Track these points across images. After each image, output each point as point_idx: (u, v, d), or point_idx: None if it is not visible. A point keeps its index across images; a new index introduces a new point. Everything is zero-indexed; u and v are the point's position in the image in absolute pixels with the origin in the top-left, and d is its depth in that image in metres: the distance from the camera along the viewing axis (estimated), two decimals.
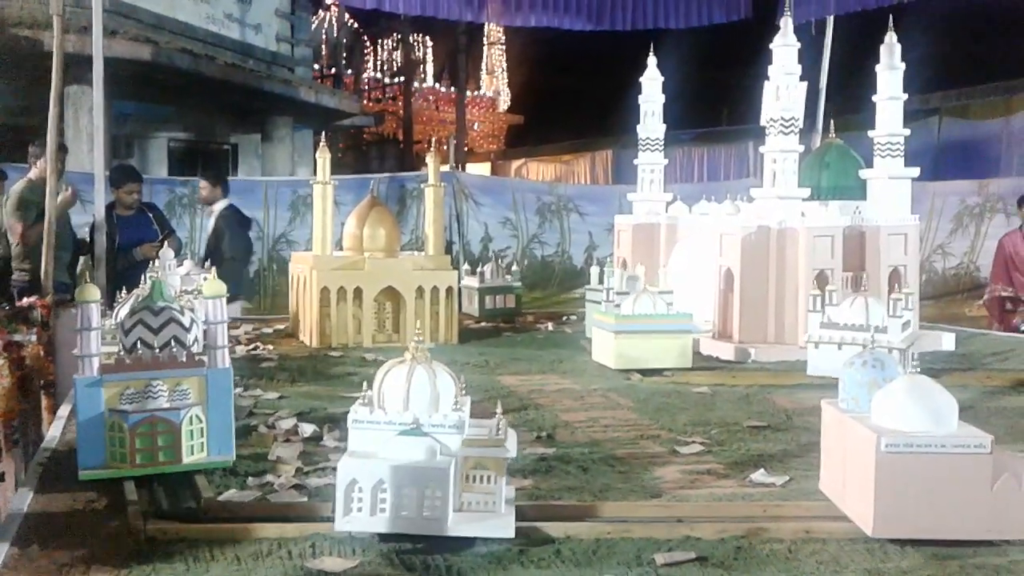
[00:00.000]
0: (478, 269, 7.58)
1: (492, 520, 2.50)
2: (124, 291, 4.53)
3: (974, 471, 2.47)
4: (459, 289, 6.75)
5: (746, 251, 5.92)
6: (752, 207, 6.35)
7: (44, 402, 5.41)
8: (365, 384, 2.63)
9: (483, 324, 7.48)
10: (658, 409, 4.30)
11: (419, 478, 2.44)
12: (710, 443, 3.67)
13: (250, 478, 2.99)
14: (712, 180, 16.63)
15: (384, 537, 2.49)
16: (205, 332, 3.00)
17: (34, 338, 5.18)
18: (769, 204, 6.08)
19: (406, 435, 2.49)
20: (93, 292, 2.92)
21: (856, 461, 2.62)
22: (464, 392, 2.63)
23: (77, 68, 9.38)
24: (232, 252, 8.02)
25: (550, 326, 7.38)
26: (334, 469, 3.13)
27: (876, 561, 2.41)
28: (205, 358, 2.98)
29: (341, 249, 6.66)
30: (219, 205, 8.32)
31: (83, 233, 7.55)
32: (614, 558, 2.41)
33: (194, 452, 2.93)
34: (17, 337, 5.19)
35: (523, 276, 11.36)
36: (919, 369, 2.69)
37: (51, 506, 2.75)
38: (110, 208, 7.31)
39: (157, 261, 5.60)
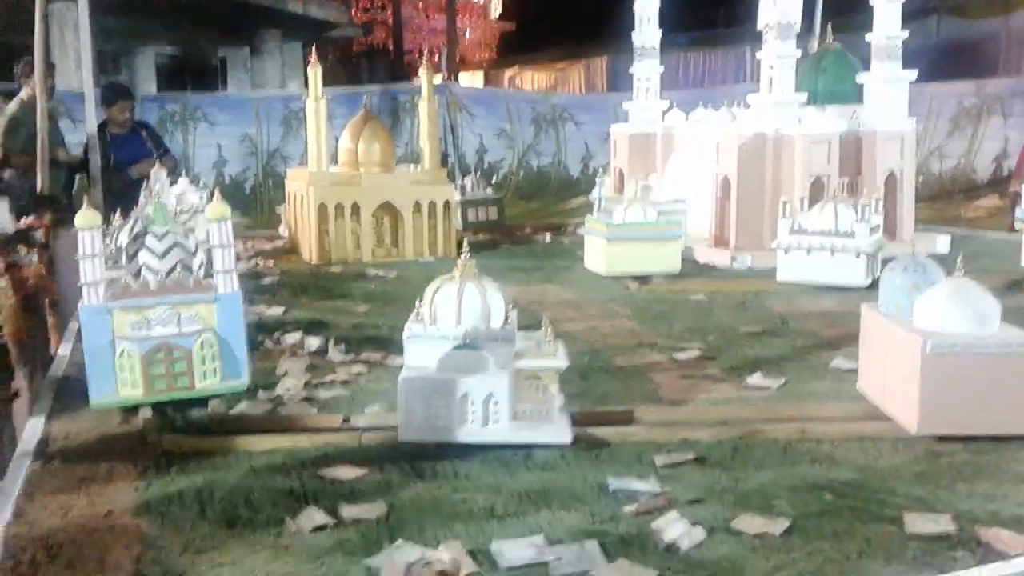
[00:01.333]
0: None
1: (548, 427, 2.59)
2: (119, 213, 4.50)
3: (1017, 370, 2.56)
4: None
5: (743, 159, 5.91)
6: (749, 114, 6.31)
7: (50, 320, 5.46)
8: (417, 300, 2.67)
9: (480, 236, 7.49)
10: (656, 317, 4.36)
11: (477, 389, 2.52)
12: (707, 349, 3.73)
13: (260, 391, 3.06)
14: (709, 85, 16.39)
15: (398, 445, 2.58)
16: (210, 255, 2.94)
17: (35, 258, 5.19)
18: (766, 111, 6.04)
19: (461, 349, 2.55)
20: (94, 217, 2.83)
21: (900, 364, 2.69)
22: (513, 307, 2.66)
23: None
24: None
25: (548, 237, 7.40)
26: (342, 382, 3.24)
27: (868, 459, 2.50)
28: (213, 282, 2.92)
29: (336, 164, 6.63)
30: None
31: (77, 152, 7.49)
32: (616, 460, 2.49)
33: (207, 377, 2.90)
34: (18, 258, 5.21)
35: (519, 187, 11.37)
36: (963, 272, 2.73)
37: (67, 424, 2.82)
38: (102, 127, 7.23)
39: (150, 181, 5.54)
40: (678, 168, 6.87)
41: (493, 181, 8.09)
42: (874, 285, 4.92)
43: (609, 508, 2.18)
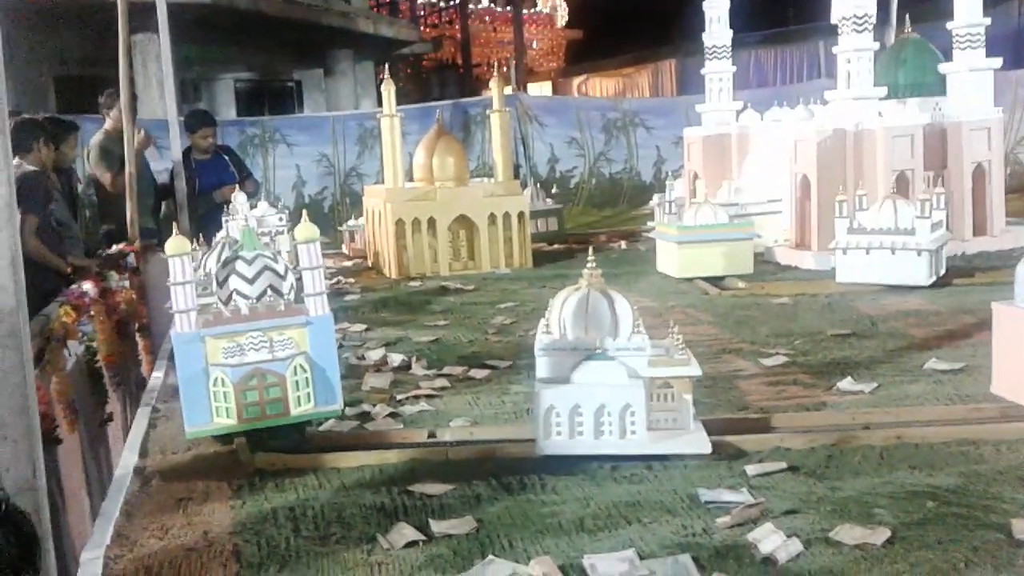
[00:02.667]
0: None
1: (685, 437, 2.57)
2: (201, 239, 4.58)
3: None
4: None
5: (822, 156, 5.77)
6: (826, 110, 6.18)
7: (141, 343, 5.64)
8: (547, 312, 2.68)
9: (556, 246, 7.49)
10: (739, 322, 4.28)
11: (614, 400, 2.51)
12: (794, 354, 3.66)
13: (347, 408, 3.10)
14: (782, 84, 16.09)
15: (483, 459, 2.58)
16: (299, 279, 2.89)
17: (127, 283, 5.36)
18: (844, 106, 5.89)
19: (594, 360, 2.54)
20: (183, 244, 2.83)
21: None
22: (638, 315, 2.64)
23: (140, 16, 9.50)
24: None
25: (623, 244, 7.35)
26: (426, 396, 3.26)
27: (971, 463, 2.40)
28: (305, 305, 2.86)
29: (412, 180, 6.71)
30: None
31: (163, 179, 7.72)
32: (705, 471, 2.44)
33: (301, 403, 2.82)
34: (111, 283, 5.40)
35: (591, 195, 11.32)
36: None
37: (163, 445, 2.90)
38: (187, 153, 7.45)
39: (231, 205, 5.65)
40: (755, 169, 6.75)
41: (553, 191, 8.07)
42: (939, 284, 4.78)
43: (701, 520, 2.14)
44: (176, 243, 2.78)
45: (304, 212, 3.00)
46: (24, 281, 2.14)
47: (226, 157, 7.72)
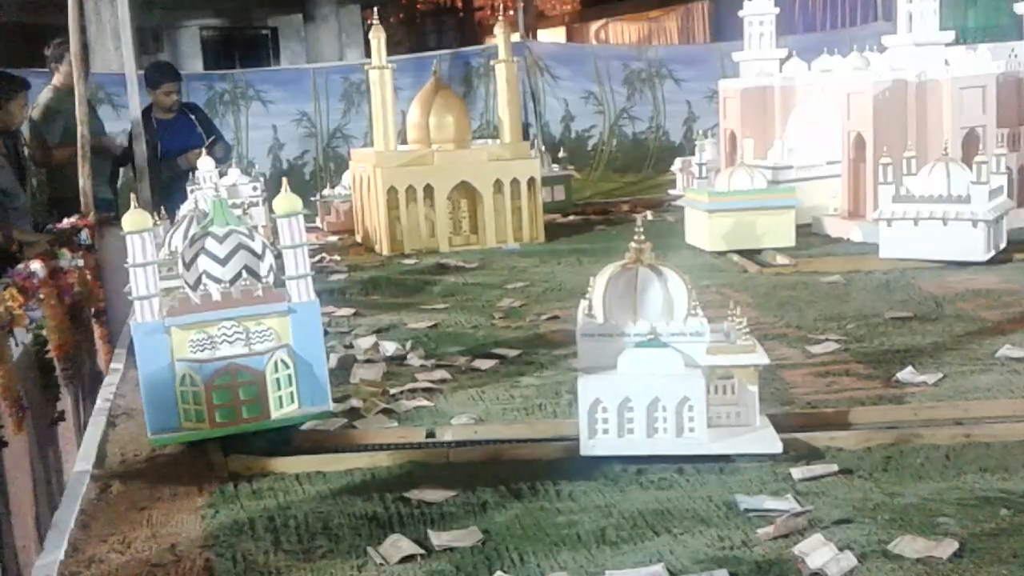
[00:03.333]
0: None
1: (751, 434, 2.56)
2: (163, 212, 4.58)
3: None
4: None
5: (879, 111, 5.74)
6: (884, 58, 6.13)
7: (97, 331, 5.67)
8: (588, 292, 2.67)
9: (572, 218, 7.49)
10: (782, 304, 4.28)
11: (670, 393, 2.50)
12: (847, 340, 3.66)
13: (334, 404, 3.10)
14: (833, 28, 15.98)
15: (489, 461, 2.58)
16: (280, 258, 2.83)
17: (80, 263, 5.37)
18: (905, 53, 5.86)
19: (644, 347, 2.52)
20: (143, 219, 2.75)
21: None
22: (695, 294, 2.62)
23: None
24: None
25: (648, 215, 7.34)
26: (424, 390, 3.27)
27: None
28: (286, 290, 2.81)
29: (405, 142, 6.70)
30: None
31: (120, 142, 7.72)
32: (744, 474, 2.45)
33: (283, 404, 2.76)
34: (62, 262, 5.41)
35: (612, 158, 11.29)
36: None
37: (123, 447, 2.91)
38: (147, 112, 7.45)
39: (197, 172, 5.63)
40: (801, 128, 6.72)
41: (560, 155, 8.04)
42: (997, 259, 4.76)
43: (740, 531, 2.14)
44: (135, 217, 2.73)
45: (284, 180, 2.97)
46: None
47: (192, 117, 7.72)
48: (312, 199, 7.54)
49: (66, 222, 6.08)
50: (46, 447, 4.05)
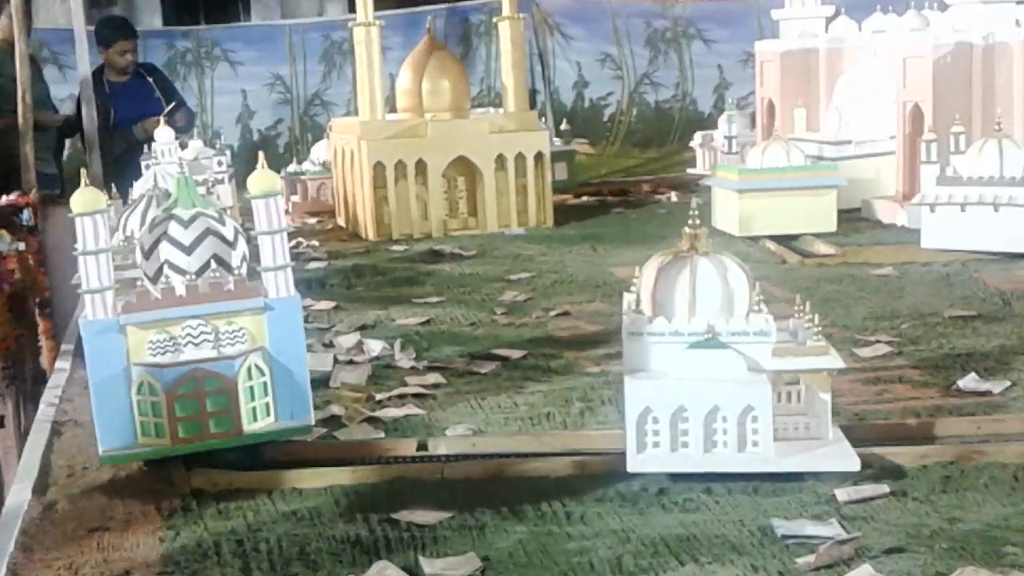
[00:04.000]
0: None
1: (823, 449, 2.56)
2: (115, 190, 4.57)
3: None
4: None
5: (940, 79, 5.75)
6: (946, 17, 6.14)
7: (41, 325, 5.69)
8: (633, 284, 2.68)
9: (584, 199, 7.49)
10: (827, 300, 4.29)
11: (732, 401, 2.49)
12: (900, 342, 3.66)
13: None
14: None
15: (485, 479, 2.59)
16: (254, 245, 2.80)
17: (21, 246, 5.40)
18: (970, 11, 5.86)
19: (701, 348, 2.52)
20: (95, 198, 2.69)
21: None
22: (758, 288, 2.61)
23: None
24: None
25: (673, 196, 7.35)
26: (415, 396, 3.28)
27: None
28: (262, 283, 2.77)
29: (395, 111, 6.71)
30: None
31: (66, 109, 7.73)
32: (782, 496, 2.46)
33: (257, 417, 2.73)
34: (1, 246, 5.43)
35: (631, 131, 11.29)
36: None
37: (70, 458, 2.92)
38: (98, 74, 7.46)
39: (153, 143, 5.61)
40: (848, 96, 6.72)
41: (563, 127, 8.03)
42: None
43: (777, 560, 2.15)
44: (85, 196, 2.69)
45: (261, 155, 2.95)
46: None
47: (150, 79, 7.73)
48: (283, 174, 7.51)
49: (4, 200, 6.09)
50: None
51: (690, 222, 2.64)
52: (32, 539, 2.42)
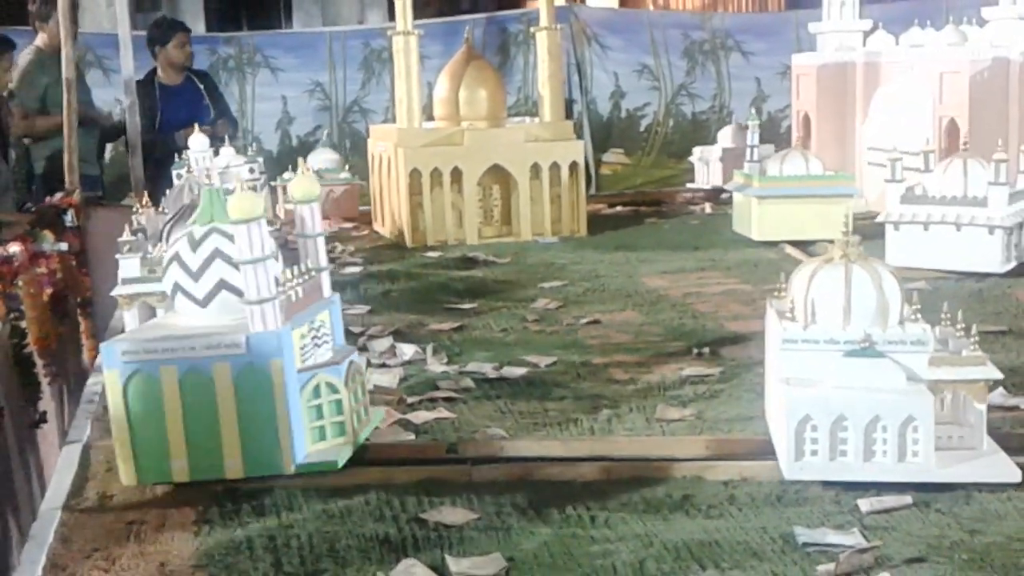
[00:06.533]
0: None
1: (980, 460, 2.57)
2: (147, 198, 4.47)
3: None
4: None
5: (976, 94, 5.74)
6: (984, 33, 6.12)
7: (81, 325, 5.77)
8: (779, 291, 2.73)
9: (619, 209, 7.52)
10: None
11: (893, 411, 2.51)
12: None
13: None
14: None
15: (512, 481, 2.63)
16: (298, 250, 2.88)
17: (65, 246, 5.47)
18: (1009, 28, 5.85)
19: (857, 356, 2.54)
20: (253, 205, 2.59)
21: None
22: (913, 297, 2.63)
23: None
24: None
25: (707, 208, 7.36)
26: (445, 399, 3.32)
27: None
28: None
29: (432, 119, 6.76)
30: None
31: (111, 112, 7.81)
32: (804, 506, 2.48)
33: (359, 419, 2.82)
34: (44, 246, 5.51)
35: (668, 141, 11.28)
36: None
37: (111, 453, 2.98)
38: (150, 77, 7.49)
39: (187, 151, 5.42)
40: (884, 111, 6.71)
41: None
42: (1016, 271, 4.73)
43: (798, 567, 2.18)
44: (243, 203, 2.60)
45: (302, 161, 3.01)
46: None
47: (201, 86, 7.71)
48: (278, 182, 7.27)
49: (48, 201, 6.19)
50: (26, 453, 4.14)
51: (843, 231, 2.66)
52: (71, 531, 2.48)
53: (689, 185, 7.86)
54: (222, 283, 2.69)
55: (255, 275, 2.57)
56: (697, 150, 7.87)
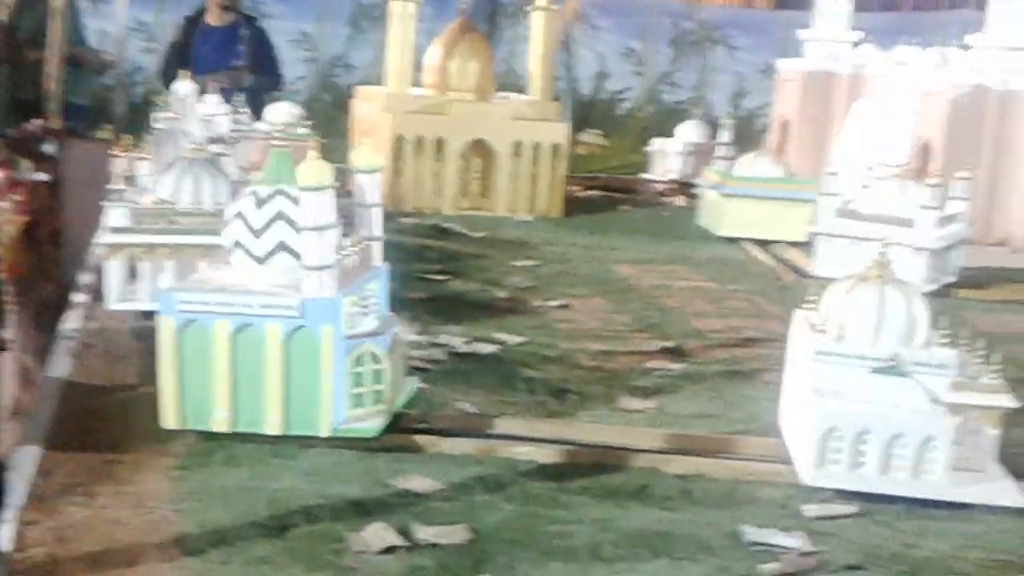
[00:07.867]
0: None
1: (990, 483, 2.66)
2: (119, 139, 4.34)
3: None
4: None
5: (954, 120, 5.85)
6: (967, 58, 6.21)
7: (50, 254, 5.78)
8: (810, 303, 2.85)
9: (592, 192, 7.58)
10: None
11: (915, 429, 2.60)
12: None
13: None
14: (919, 9, 15.96)
15: (483, 458, 2.75)
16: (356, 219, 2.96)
17: (44, 176, 5.46)
18: (991, 56, 5.94)
19: (884, 373, 2.64)
20: (322, 173, 2.69)
21: None
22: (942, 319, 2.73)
23: None
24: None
25: (680, 200, 7.41)
26: (415, 369, 3.39)
27: None
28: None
29: (418, 85, 6.77)
30: None
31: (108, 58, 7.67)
32: (755, 506, 2.61)
33: (397, 389, 2.92)
34: (21, 172, 5.49)
35: (645, 129, 11.34)
36: None
37: (87, 392, 3.06)
38: (197, 16, 7.37)
39: (169, 97, 5.02)
40: (860, 124, 6.81)
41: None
42: (942, 292, 4.83)
43: (743, 564, 2.29)
44: (312, 170, 2.70)
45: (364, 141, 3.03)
46: None
47: (245, 33, 7.47)
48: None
49: (28, 125, 6.14)
50: None
51: (879, 253, 2.79)
52: (47, 474, 2.53)
53: (643, 176, 7.89)
54: (282, 244, 2.76)
55: (318, 241, 2.67)
56: (656, 141, 7.91)
